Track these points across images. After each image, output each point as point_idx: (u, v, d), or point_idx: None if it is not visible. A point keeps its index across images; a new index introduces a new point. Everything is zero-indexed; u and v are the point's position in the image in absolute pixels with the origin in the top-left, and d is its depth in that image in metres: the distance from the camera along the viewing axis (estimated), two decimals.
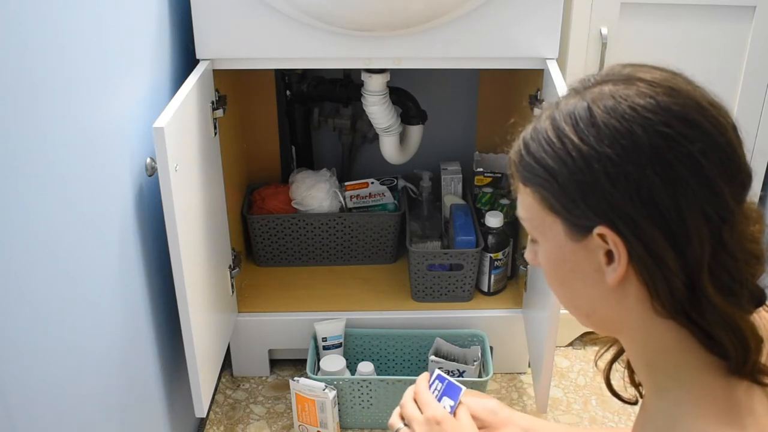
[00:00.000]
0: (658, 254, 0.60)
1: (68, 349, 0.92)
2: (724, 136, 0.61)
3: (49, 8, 0.86)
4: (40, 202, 0.84)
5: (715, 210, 0.60)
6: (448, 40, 1.36)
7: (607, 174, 0.60)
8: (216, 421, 1.60)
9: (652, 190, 0.59)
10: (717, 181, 0.60)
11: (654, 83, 0.62)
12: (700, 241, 0.60)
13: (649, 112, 0.60)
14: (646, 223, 0.60)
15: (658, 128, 0.59)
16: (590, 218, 0.62)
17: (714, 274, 0.61)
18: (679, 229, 0.60)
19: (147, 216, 1.19)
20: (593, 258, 0.64)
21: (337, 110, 1.88)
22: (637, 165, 0.59)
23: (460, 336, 1.60)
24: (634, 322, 0.66)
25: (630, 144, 0.59)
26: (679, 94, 0.61)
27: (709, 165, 0.59)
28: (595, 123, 0.61)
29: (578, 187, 0.62)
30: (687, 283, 0.61)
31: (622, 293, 0.65)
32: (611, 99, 0.61)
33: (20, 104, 0.79)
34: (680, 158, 0.59)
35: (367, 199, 1.84)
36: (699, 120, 0.60)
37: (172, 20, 1.35)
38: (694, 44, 1.51)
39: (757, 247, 0.63)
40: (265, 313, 1.66)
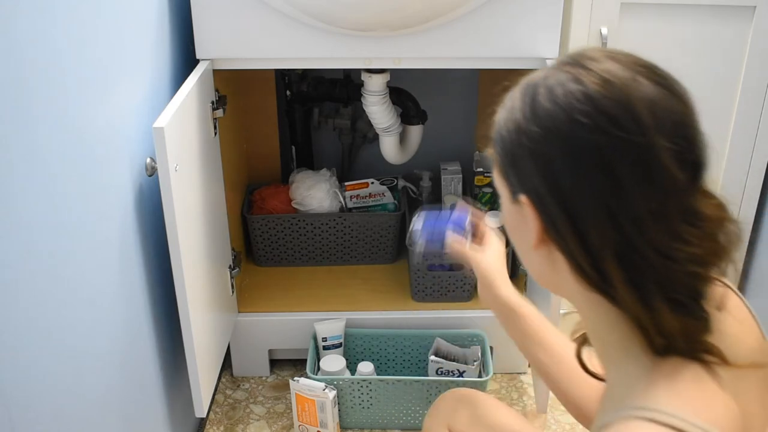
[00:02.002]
0: (562, 234, 0.64)
1: (68, 349, 0.92)
2: (644, 137, 0.60)
3: (49, 8, 0.86)
4: (40, 202, 0.84)
5: (617, 204, 0.61)
6: (448, 40, 1.36)
7: (530, 150, 0.65)
8: (216, 421, 1.60)
9: (560, 173, 0.63)
10: (624, 179, 0.61)
11: (593, 70, 0.63)
12: (597, 228, 0.62)
13: (574, 98, 0.62)
14: (552, 202, 0.64)
15: (576, 116, 0.61)
16: (516, 186, 0.68)
17: (623, 261, 0.63)
18: (580, 215, 0.63)
19: (147, 216, 1.19)
20: (524, 222, 0.68)
21: (337, 110, 1.88)
22: (552, 147, 0.63)
23: (460, 336, 1.60)
24: (572, 291, 0.69)
25: (552, 126, 0.63)
26: (612, 87, 0.62)
27: (619, 162, 0.61)
28: (535, 101, 0.65)
29: (511, 157, 0.67)
30: (591, 263, 0.64)
31: (552, 260, 0.68)
32: (555, 80, 0.64)
33: (20, 104, 0.79)
34: (590, 149, 0.61)
35: (367, 199, 1.84)
36: (619, 116, 0.61)
37: (172, 20, 1.35)
38: (694, 44, 1.51)
39: (688, 249, 0.63)
40: (265, 313, 1.66)
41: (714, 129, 1.81)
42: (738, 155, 1.59)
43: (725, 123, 1.57)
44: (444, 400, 1.22)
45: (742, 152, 1.59)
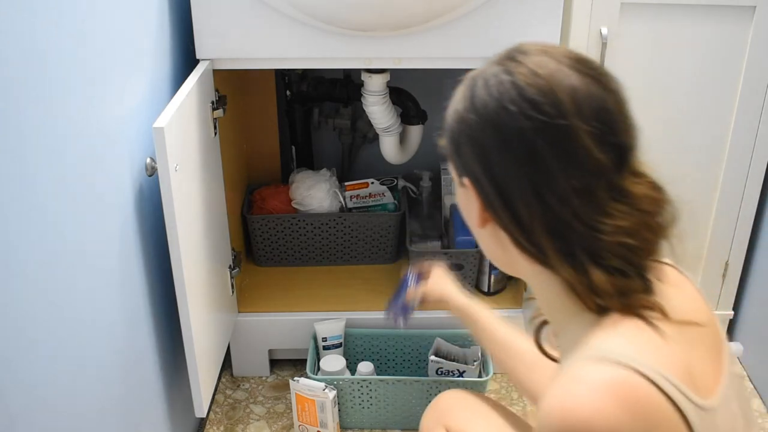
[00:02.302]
0: (497, 211, 0.72)
1: (68, 349, 0.92)
2: (565, 120, 0.67)
3: (49, 8, 0.86)
4: (40, 202, 0.84)
5: (542, 183, 0.68)
6: (448, 40, 1.36)
7: (468, 136, 0.72)
8: (216, 421, 1.60)
9: (490, 155, 0.70)
10: (546, 159, 0.67)
11: (524, 64, 0.70)
12: (526, 206, 0.69)
13: (504, 88, 0.69)
14: (487, 183, 0.71)
15: (505, 104, 0.68)
16: (460, 170, 0.75)
17: (555, 235, 0.69)
18: (511, 194, 0.70)
19: (147, 216, 1.19)
20: (472, 203, 0.74)
21: (337, 110, 1.88)
22: (485, 133, 0.70)
23: (460, 336, 1.60)
24: (520, 266, 0.75)
25: (484, 114, 0.70)
26: (538, 77, 0.68)
27: (542, 144, 0.67)
28: (473, 92, 0.72)
29: (455, 144, 0.74)
30: (527, 238, 0.71)
31: (498, 237, 0.75)
32: (490, 73, 0.72)
33: (20, 104, 0.79)
34: (514, 133, 0.68)
35: (367, 199, 1.84)
36: (541, 102, 0.67)
37: (172, 20, 1.35)
38: (694, 44, 1.51)
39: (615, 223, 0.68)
40: (265, 313, 1.66)
41: (714, 129, 1.82)
42: (738, 155, 1.59)
43: (725, 123, 1.57)
44: (441, 400, 1.22)
45: (742, 152, 1.59)
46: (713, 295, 1.75)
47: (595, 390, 0.64)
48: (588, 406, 0.63)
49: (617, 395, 0.64)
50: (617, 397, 0.64)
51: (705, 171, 1.62)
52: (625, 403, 0.64)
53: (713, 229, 1.67)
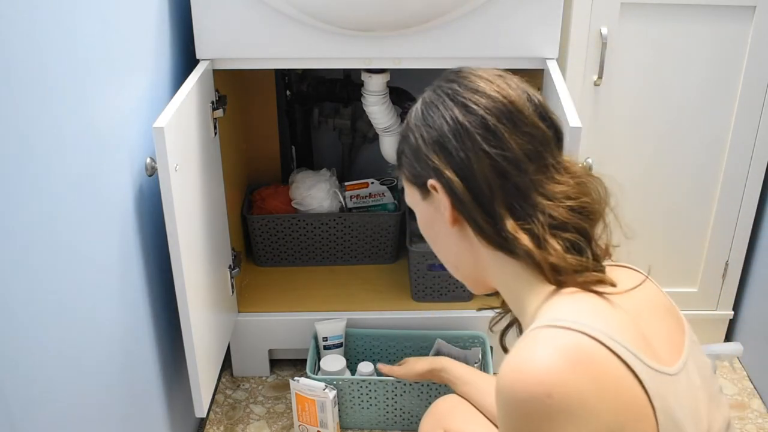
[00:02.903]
0: (462, 199, 0.78)
1: (68, 349, 0.92)
2: (507, 98, 0.79)
3: (49, 8, 0.86)
4: (40, 202, 0.84)
5: (498, 154, 0.77)
6: (448, 40, 1.36)
7: (424, 141, 0.81)
8: (216, 421, 1.60)
9: (448, 145, 0.79)
10: (498, 131, 0.77)
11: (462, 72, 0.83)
12: (486, 181, 0.77)
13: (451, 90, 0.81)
14: (448, 172, 0.79)
15: (457, 99, 0.80)
16: (424, 176, 0.82)
17: (511, 208, 0.77)
18: (469, 173, 0.78)
19: (147, 216, 1.19)
20: (438, 210, 0.82)
21: (337, 110, 1.88)
22: (438, 129, 0.80)
23: (460, 337, 1.60)
24: (485, 261, 0.82)
25: (437, 115, 0.81)
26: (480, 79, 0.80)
27: (491, 119, 0.77)
28: (421, 109, 0.84)
29: (414, 156, 0.83)
30: (487, 219, 0.78)
31: (464, 236, 0.82)
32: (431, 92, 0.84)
33: (20, 104, 0.79)
34: (468, 118, 0.78)
35: (367, 199, 1.84)
36: (486, 89, 0.79)
37: (172, 20, 1.35)
38: (694, 44, 1.51)
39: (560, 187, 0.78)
40: (265, 313, 1.66)
41: (714, 129, 1.82)
42: (738, 155, 1.59)
43: (725, 123, 1.57)
44: (441, 403, 1.22)
45: (742, 152, 1.59)
46: (713, 295, 1.75)
47: (546, 352, 0.68)
48: (540, 368, 0.66)
49: (568, 356, 0.67)
50: (568, 358, 0.67)
51: (705, 171, 1.62)
52: (576, 364, 0.67)
53: (713, 229, 1.67)
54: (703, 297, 1.75)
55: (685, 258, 1.72)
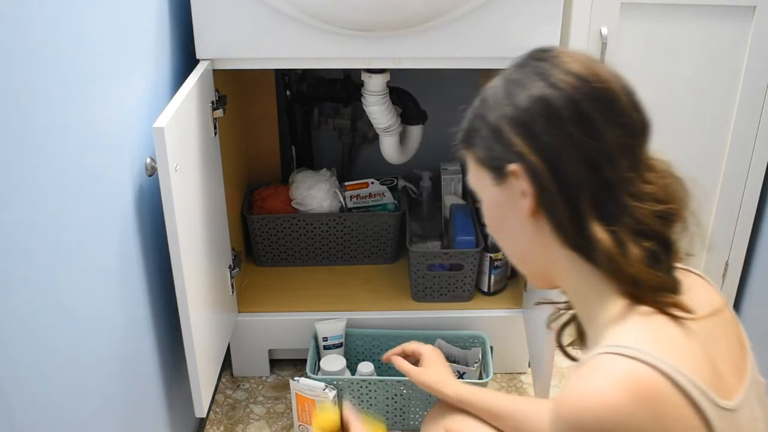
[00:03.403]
0: (545, 187, 0.72)
1: (68, 349, 0.92)
2: (605, 83, 0.73)
3: (49, 8, 0.86)
4: (40, 202, 0.84)
5: (591, 145, 0.71)
6: (448, 40, 1.36)
7: (508, 120, 0.74)
8: (216, 421, 1.60)
9: (537, 129, 0.72)
10: (593, 119, 0.71)
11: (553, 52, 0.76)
12: (575, 173, 0.71)
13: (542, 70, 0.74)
14: (534, 158, 0.72)
15: (549, 79, 0.73)
16: (503, 159, 0.75)
17: (597, 206, 0.71)
18: (558, 162, 0.72)
19: (147, 216, 1.19)
20: (514, 198, 0.76)
21: (337, 110, 1.88)
22: (527, 111, 0.73)
23: (461, 337, 1.60)
24: (558, 260, 0.76)
25: (525, 95, 0.74)
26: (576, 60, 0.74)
27: (586, 105, 0.71)
28: (505, 85, 0.76)
29: (492, 135, 0.76)
30: (571, 215, 0.72)
31: (540, 230, 0.75)
32: (517, 68, 0.77)
33: (20, 104, 0.79)
34: (561, 101, 0.72)
35: (367, 199, 1.84)
36: (583, 73, 0.73)
37: (172, 20, 1.35)
38: (694, 44, 1.51)
39: (651, 187, 0.73)
40: (265, 313, 1.66)
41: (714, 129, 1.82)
42: (738, 155, 1.59)
43: (725, 123, 1.57)
44: (443, 402, 1.22)
45: (742, 152, 1.59)
46: None
47: (611, 383, 0.64)
48: (601, 399, 0.63)
49: (632, 390, 0.63)
50: (632, 393, 0.63)
51: (705, 171, 1.62)
52: (640, 399, 0.63)
53: (713, 229, 1.67)
54: None
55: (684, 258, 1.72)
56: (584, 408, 0.63)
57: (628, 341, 0.67)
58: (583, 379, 0.66)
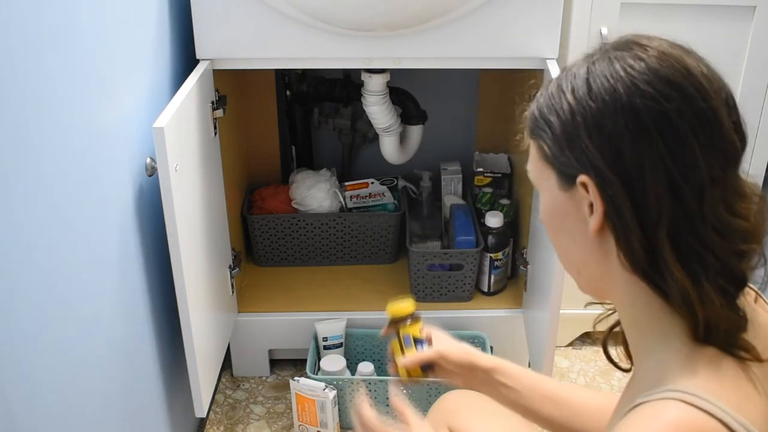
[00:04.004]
0: (620, 210, 0.64)
1: (68, 349, 0.92)
2: (707, 102, 0.63)
3: (49, 8, 0.86)
4: (40, 202, 0.84)
5: (681, 172, 0.62)
6: (448, 40, 1.36)
7: (586, 126, 0.64)
8: (216, 421, 1.60)
9: (620, 143, 0.63)
10: (689, 143, 0.62)
11: (648, 47, 0.65)
12: (657, 200, 0.62)
13: (635, 71, 0.63)
14: (612, 177, 0.63)
15: (639, 86, 0.63)
16: (574, 167, 0.66)
17: (676, 239, 0.63)
18: (639, 187, 0.63)
19: (147, 216, 1.19)
20: (580, 209, 0.67)
21: (337, 110, 1.88)
22: (612, 119, 0.63)
23: (461, 337, 1.58)
24: (617, 280, 0.68)
25: (611, 100, 0.63)
26: (668, 58, 0.64)
27: (684, 126, 0.62)
28: (588, 80, 0.65)
29: (565, 137, 0.66)
30: (644, 243, 0.64)
31: (603, 247, 0.67)
32: (607, 60, 0.65)
33: (20, 104, 0.79)
34: (653, 116, 0.62)
35: (367, 199, 1.84)
36: (682, 83, 0.63)
37: (172, 20, 1.35)
38: (694, 44, 1.50)
39: (740, 223, 0.64)
40: (265, 313, 1.66)
41: None
42: None
43: None
44: (445, 400, 1.22)
45: None
46: None
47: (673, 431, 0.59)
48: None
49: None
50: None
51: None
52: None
53: None
54: None
55: None
56: None
57: (693, 388, 0.62)
58: (642, 425, 0.61)
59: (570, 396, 0.97)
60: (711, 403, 0.60)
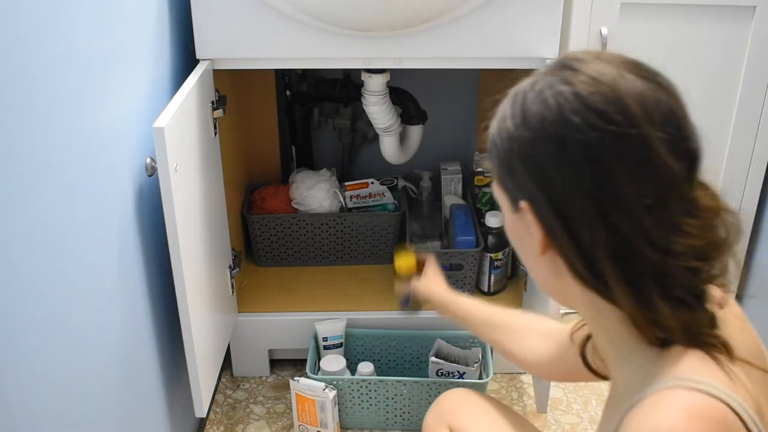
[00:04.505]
0: (557, 237, 0.65)
1: (68, 349, 0.92)
2: (636, 128, 0.61)
3: (49, 8, 0.86)
4: (40, 202, 0.84)
5: (610, 201, 0.61)
6: (448, 40, 1.36)
7: (520, 154, 0.65)
8: (216, 421, 1.60)
9: (550, 173, 0.63)
10: (616, 173, 0.61)
11: (580, 71, 0.64)
12: (589, 228, 0.62)
13: (563, 99, 0.62)
14: (546, 205, 0.64)
15: (565, 115, 0.62)
16: (516, 193, 0.68)
17: (619, 260, 0.63)
18: (572, 216, 0.63)
19: (147, 216, 1.19)
20: (529, 230, 0.68)
21: (337, 110, 1.88)
22: (541, 149, 0.63)
23: (460, 337, 1.60)
24: (576, 295, 0.69)
25: (540, 129, 0.63)
26: (600, 84, 0.62)
27: (611, 156, 0.61)
28: (523, 108, 0.65)
29: (507, 165, 0.68)
30: (586, 264, 0.64)
31: (556, 265, 0.68)
32: (541, 86, 0.65)
33: (20, 104, 0.79)
34: (579, 146, 0.61)
35: (367, 199, 1.84)
36: (608, 110, 0.61)
37: (172, 20, 1.35)
38: (694, 44, 1.51)
39: (688, 242, 0.63)
40: (265, 313, 1.66)
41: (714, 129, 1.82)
42: (738, 155, 1.59)
43: (725, 123, 1.57)
44: (445, 399, 1.22)
45: (742, 152, 1.59)
46: None
47: (689, 418, 0.59)
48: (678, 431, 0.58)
49: (708, 421, 0.59)
50: (708, 423, 0.59)
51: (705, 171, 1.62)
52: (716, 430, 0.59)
53: None
54: None
55: None
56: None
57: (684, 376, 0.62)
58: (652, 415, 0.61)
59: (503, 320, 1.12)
60: (709, 385, 0.61)
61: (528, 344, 1.06)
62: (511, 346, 1.09)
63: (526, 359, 1.07)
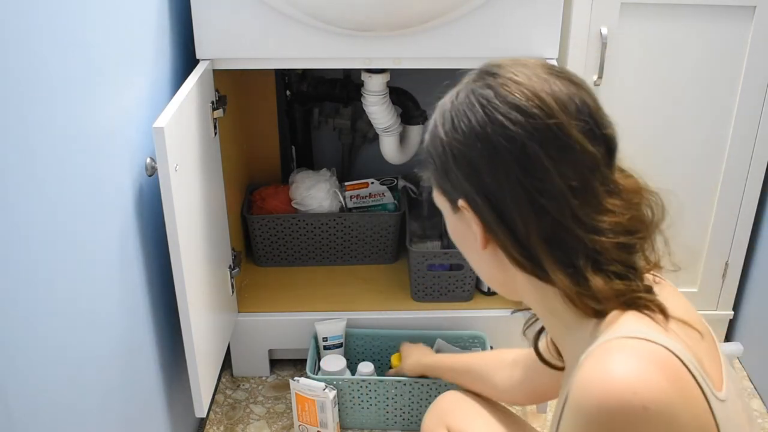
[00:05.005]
0: (494, 229, 0.71)
1: (68, 349, 0.92)
2: (552, 118, 0.67)
3: (49, 8, 0.86)
4: (40, 202, 0.84)
5: (538, 188, 0.68)
6: (448, 40, 1.36)
7: (453, 156, 0.72)
8: (216, 421, 1.60)
9: (481, 170, 0.70)
10: (540, 161, 0.67)
11: (498, 75, 0.71)
12: (521, 216, 0.69)
13: (486, 100, 0.70)
14: (480, 200, 0.71)
15: (489, 115, 0.69)
16: (454, 193, 0.74)
17: (553, 243, 0.69)
18: (504, 207, 0.70)
19: (147, 216, 1.19)
20: (469, 228, 0.75)
21: (337, 110, 1.88)
22: (471, 148, 0.70)
23: (461, 337, 1.60)
24: (521, 283, 0.75)
25: (468, 130, 0.71)
26: (518, 85, 0.69)
27: (532, 146, 0.67)
28: (452, 113, 0.73)
29: (442, 168, 0.75)
30: (523, 252, 0.70)
31: (498, 257, 0.74)
32: (465, 92, 0.73)
33: (20, 104, 0.79)
34: (504, 141, 0.68)
35: (367, 199, 1.84)
36: (526, 105, 0.68)
37: (172, 20, 1.35)
38: (694, 44, 1.51)
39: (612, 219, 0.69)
40: (265, 313, 1.66)
41: (714, 129, 1.82)
42: (738, 155, 1.59)
43: (725, 123, 1.57)
44: (443, 400, 1.22)
45: (742, 152, 1.59)
46: (713, 295, 1.75)
47: (636, 359, 0.63)
48: (631, 375, 0.61)
49: (657, 364, 0.62)
50: (658, 366, 0.62)
51: (705, 171, 1.62)
52: (666, 372, 0.62)
53: (713, 229, 1.67)
54: (703, 297, 1.75)
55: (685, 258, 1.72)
56: (615, 389, 0.61)
57: (627, 329, 0.66)
58: (602, 364, 0.64)
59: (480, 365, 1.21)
60: (649, 334, 0.65)
61: (500, 378, 1.14)
62: (490, 389, 1.18)
63: (503, 392, 1.15)
